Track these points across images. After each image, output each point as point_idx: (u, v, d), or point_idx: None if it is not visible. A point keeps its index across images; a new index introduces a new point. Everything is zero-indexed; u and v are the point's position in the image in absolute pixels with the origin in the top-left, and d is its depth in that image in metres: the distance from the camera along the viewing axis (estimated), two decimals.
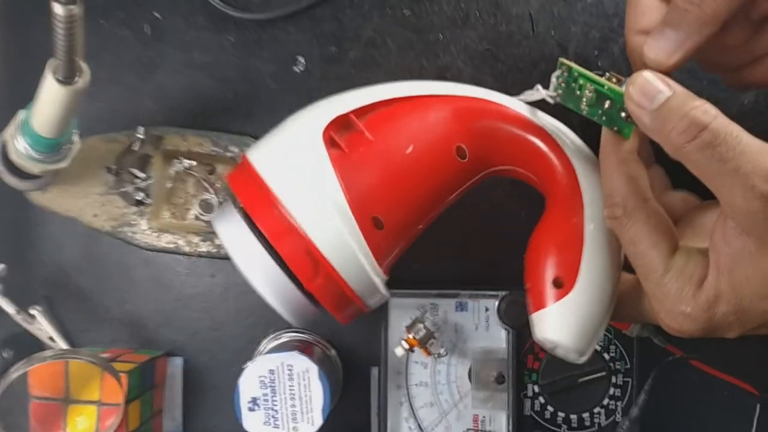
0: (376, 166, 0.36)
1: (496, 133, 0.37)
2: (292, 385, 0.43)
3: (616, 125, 0.33)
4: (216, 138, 0.48)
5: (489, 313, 0.48)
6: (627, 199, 0.33)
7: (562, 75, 0.34)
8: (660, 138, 0.30)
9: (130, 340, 0.50)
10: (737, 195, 0.28)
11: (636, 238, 0.33)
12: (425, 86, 0.39)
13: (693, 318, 0.32)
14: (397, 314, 0.48)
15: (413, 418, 0.48)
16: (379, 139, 0.37)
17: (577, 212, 0.36)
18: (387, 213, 0.36)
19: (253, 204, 0.36)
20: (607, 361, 0.48)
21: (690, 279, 0.32)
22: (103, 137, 0.48)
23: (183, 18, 0.49)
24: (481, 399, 0.48)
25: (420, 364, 0.48)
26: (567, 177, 0.37)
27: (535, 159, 0.37)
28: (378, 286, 0.37)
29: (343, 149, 0.36)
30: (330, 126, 0.36)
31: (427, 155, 0.37)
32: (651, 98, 0.30)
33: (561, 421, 0.49)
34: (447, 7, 0.49)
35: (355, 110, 0.37)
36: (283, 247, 0.35)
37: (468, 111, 0.38)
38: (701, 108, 0.29)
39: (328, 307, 0.36)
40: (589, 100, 0.33)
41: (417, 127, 0.37)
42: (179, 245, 0.48)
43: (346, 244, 0.35)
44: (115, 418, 0.43)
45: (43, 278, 0.50)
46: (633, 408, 0.47)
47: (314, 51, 0.49)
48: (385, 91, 0.38)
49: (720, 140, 0.28)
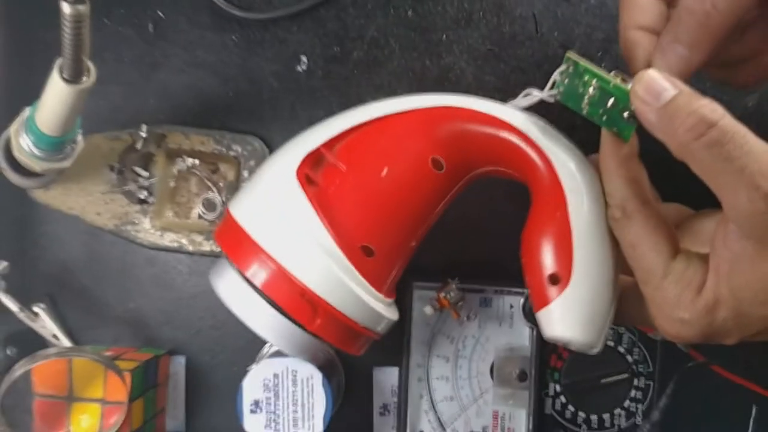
0: (354, 196, 0.36)
1: (467, 137, 0.37)
2: (295, 391, 0.43)
3: (616, 126, 0.33)
4: (219, 137, 0.48)
5: (513, 310, 0.48)
6: (626, 201, 0.33)
7: (567, 70, 0.34)
8: (665, 135, 0.30)
9: (133, 339, 0.50)
10: (741, 195, 0.28)
11: (635, 241, 0.33)
12: (389, 105, 0.38)
13: (691, 324, 0.32)
14: (420, 307, 0.48)
15: (433, 411, 0.48)
16: (353, 168, 0.37)
17: (561, 204, 0.35)
18: (375, 239, 0.36)
19: (240, 257, 0.36)
20: (630, 363, 0.49)
21: (689, 284, 0.32)
22: (106, 135, 0.48)
23: (186, 17, 0.49)
24: (502, 396, 0.48)
25: (442, 357, 0.48)
26: (545, 169, 0.36)
27: (510, 155, 0.37)
28: (381, 312, 0.36)
29: (319, 185, 0.36)
30: (303, 164, 0.36)
31: (403, 174, 0.37)
32: (657, 95, 0.30)
33: (581, 421, 0.49)
34: (450, 8, 0.49)
35: (324, 143, 0.37)
36: (278, 295, 0.35)
37: (435, 121, 0.37)
38: (709, 106, 0.29)
39: (336, 343, 0.36)
40: (591, 99, 0.33)
41: (387, 147, 0.37)
42: (182, 244, 0.49)
43: (338, 279, 0.35)
44: (119, 416, 0.43)
45: (47, 276, 0.50)
46: (654, 411, 0.48)
47: (317, 51, 0.49)
48: (351, 117, 0.38)
49: (728, 138, 0.28)
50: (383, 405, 0.50)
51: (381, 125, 0.38)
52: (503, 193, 0.48)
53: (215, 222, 0.49)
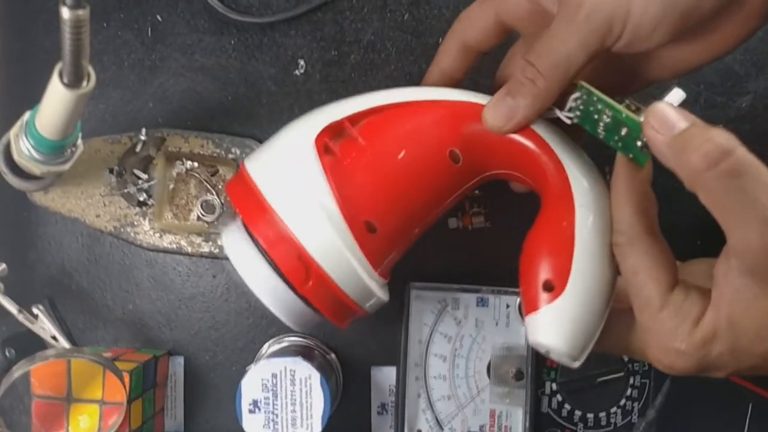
0: (368, 172, 0.37)
1: (488, 138, 0.37)
2: (293, 391, 0.43)
3: (632, 153, 0.33)
4: (218, 140, 0.49)
5: (510, 310, 0.49)
6: (632, 228, 0.33)
7: (581, 97, 0.34)
8: (677, 163, 0.29)
9: (132, 340, 0.51)
10: (752, 229, 0.28)
11: (636, 268, 0.33)
12: (419, 92, 0.39)
13: (687, 355, 0.31)
14: (418, 307, 0.49)
15: (430, 410, 0.49)
16: (372, 145, 0.37)
17: (569, 215, 0.35)
18: (380, 217, 0.37)
19: (246, 210, 0.36)
20: (626, 361, 0.49)
21: (687, 316, 0.31)
22: (105, 138, 0.48)
23: (184, 21, 0.50)
24: (498, 394, 0.48)
25: (439, 357, 0.49)
26: (558, 179, 0.36)
27: (526, 162, 0.37)
28: (373, 290, 0.37)
29: (336, 155, 0.37)
30: (323, 133, 0.37)
31: (420, 160, 0.37)
32: (670, 127, 0.30)
33: (578, 420, 0.49)
34: (446, 11, 0.49)
35: (349, 117, 0.38)
36: (275, 252, 0.36)
37: (461, 116, 0.38)
38: (724, 135, 0.28)
39: (323, 310, 0.37)
40: (606, 126, 0.34)
41: (409, 132, 0.38)
42: (181, 246, 0.49)
43: (336, 247, 0.35)
44: (118, 417, 0.44)
45: (46, 278, 0.50)
46: (650, 410, 0.48)
47: (315, 54, 0.49)
48: (380, 97, 0.39)
49: (744, 170, 0.27)
50: (381, 404, 0.50)
51: (408, 109, 0.38)
52: (503, 196, 0.48)
53: (214, 224, 0.50)
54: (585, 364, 0.48)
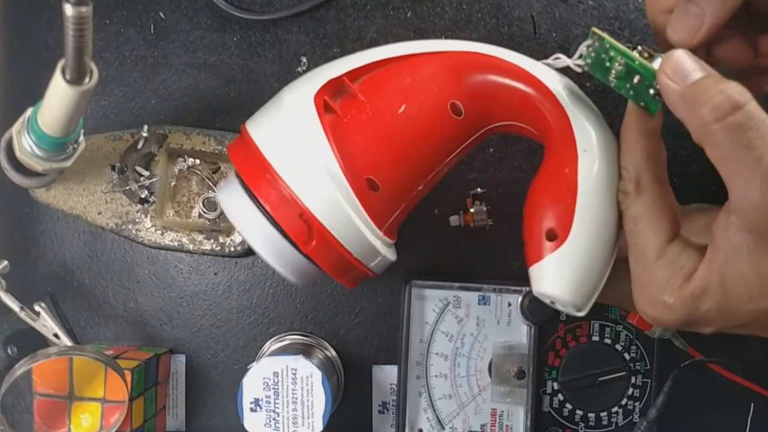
0: (368, 128, 0.36)
1: (490, 87, 0.37)
2: (295, 389, 0.43)
3: (644, 101, 0.33)
4: (220, 137, 0.49)
5: (511, 308, 0.48)
6: (641, 176, 0.33)
7: (593, 44, 0.33)
8: (687, 115, 0.29)
9: (134, 338, 0.51)
10: (753, 186, 0.28)
11: (638, 217, 0.33)
12: (418, 45, 0.38)
13: (674, 309, 0.31)
14: (419, 306, 0.48)
15: (432, 409, 0.49)
16: (372, 101, 0.36)
17: (571, 161, 0.35)
18: (381, 174, 0.36)
19: (247, 170, 0.36)
20: (627, 361, 0.49)
21: (680, 270, 0.31)
22: (107, 135, 0.48)
23: (187, 18, 0.49)
24: (500, 393, 0.48)
25: (440, 355, 0.49)
26: (560, 125, 0.35)
27: (529, 109, 0.36)
28: (378, 248, 0.36)
29: (337, 113, 0.36)
30: (322, 90, 0.36)
31: (421, 114, 0.36)
32: (684, 76, 0.30)
33: (579, 419, 0.49)
34: (449, 9, 0.49)
35: (348, 73, 0.37)
36: (278, 212, 0.35)
37: (460, 66, 0.37)
38: (737, 88, 0.28)
39: (328, 269, 0.36)
40: (618, 73, 0.33)
41: (409, 86, 0.37)
42: (183, 243, 0.49)
43: (338, 206, 0.35)
44: (120, 415, 0.44)
45: (48, 275, 0.50)
46: (651, 409, 0.48)
47: (317, 52, 0.49)
48: (380, 52, 0.38)
49: (752, 125, 0.27)
50: (382, 403, 0.50)
51: (408, 63, 0.37)
52: (506, 194, 0.48)
53: (216, 221, 0.50)
54: (586, 364, 0.48)
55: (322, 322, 0.50)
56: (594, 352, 0.49)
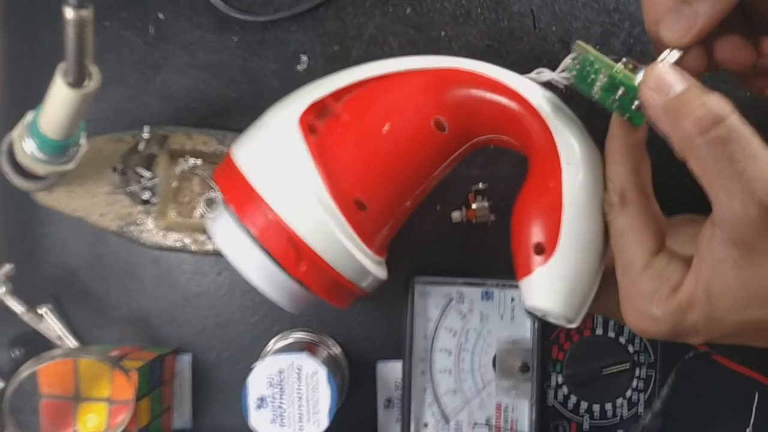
0: (353, 148, 0.36)
1: (472, 102, 0.37)
2: (299, 387, 0.43)
3: (628, 113, 0.33)
4: (221, 137, 0.49)
5: (515, 303, 0.49)
6: (626, 188, 0.33)
7: (578, 57, 0.34)
8: (670, 128, 0.29)
9: (139, 338, 0.51)
10: (735, 199, 0.28)
11: (624, 229, 0.33)
12: (400, 63, 0.38)
13: (660, 321, 0.31)
14: (423, 302, 0.49)
15: (436, 404, 0.49)
16: (356, 121, 0.36)
17: (555, 175, 0.35)
18: (368, 193, 0.36)
19: (233, 196, 0.36)
20: (631, 353, 0.49)
21: (666, 282, 0.31)
22: (108, 137, 0.48)
23: (187, 19, 0.49)
24: (504, 387, 0.48)
25: (444, 351, 0.49)
26: (543, 139, 0.36)
27: (511, 123, 0.37)
28: (367, 267, 0.36)
29: (321, 134, 0.36)
30: (307, 112, 0.36)
31: (405, 131, 0.37)
32: (666, 89, 0.30)
33: (583, 412, 0.49)
34: (448, 4, 0.49)
35: (332, 93, 0.37)
36: (265, 237, 0.35)
37: (442, 82, 0.37)
38: (719, 101, 0.28)
39: (318, 292, 0.36)
40: (602, 86, 0.33)
41: (392, 104, 0.37)
42: (186, 244, 0.49)
43: (326, 228, 0.35)
44: (126, 415, 0.44)
45: (51, 278, 0.50)
46: (656, 401, 0.48)
47: (317, 50, 0.49)
48: (362, 71, 0.38)
49: (733, 138, 0.28)
50: (387, 399, 0.50)
51: (390, 81, 0.38)
52: (507, 189, 0.48)
53: None
54: (591, 356, 0.48)
55: (326, 319, 0.50)
56: (598, 345, 0.49)
